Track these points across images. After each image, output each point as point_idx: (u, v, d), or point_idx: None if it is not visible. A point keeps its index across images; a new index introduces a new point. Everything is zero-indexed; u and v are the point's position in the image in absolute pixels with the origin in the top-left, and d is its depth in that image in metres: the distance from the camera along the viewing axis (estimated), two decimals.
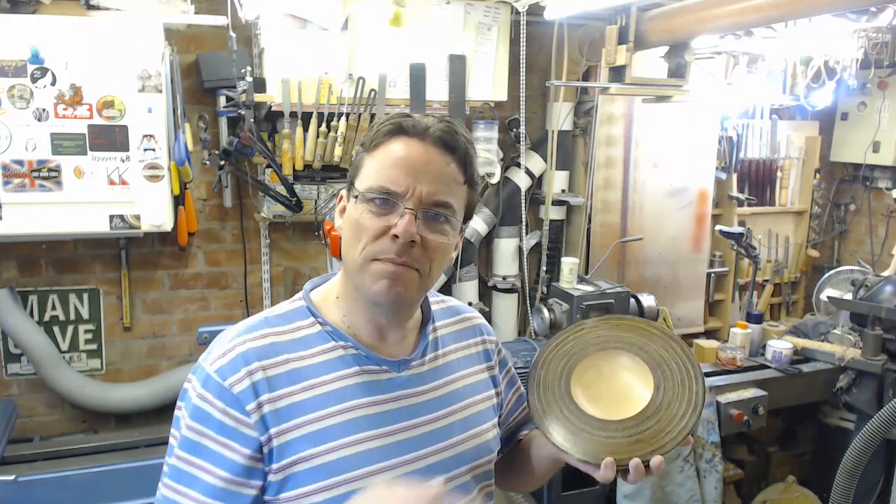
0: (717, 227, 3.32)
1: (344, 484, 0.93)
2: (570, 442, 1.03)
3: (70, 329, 2.78)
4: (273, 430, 0.92)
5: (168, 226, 2.51)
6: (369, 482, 0.94)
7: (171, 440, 0.97)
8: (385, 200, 0.94)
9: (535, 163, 3.16)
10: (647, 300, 2.87)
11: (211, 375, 0.94)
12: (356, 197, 0.97)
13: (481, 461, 1.08)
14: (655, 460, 0.98)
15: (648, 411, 1.04)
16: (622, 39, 2.50)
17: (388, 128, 0.98)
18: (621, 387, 1.08)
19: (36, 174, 2.34)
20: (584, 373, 1.10)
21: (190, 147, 2.54)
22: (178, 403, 0.97)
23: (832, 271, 3.55)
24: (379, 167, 0.96)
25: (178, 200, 2.62)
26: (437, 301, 1.17)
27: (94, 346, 2.82)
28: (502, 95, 2.97)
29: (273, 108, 2.66)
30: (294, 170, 2.71)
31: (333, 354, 0.99)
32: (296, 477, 0.93)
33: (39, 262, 2.71)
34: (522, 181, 3.10)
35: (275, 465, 0.92)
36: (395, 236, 0.93)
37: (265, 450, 0.92)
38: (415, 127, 0.97)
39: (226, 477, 0.91)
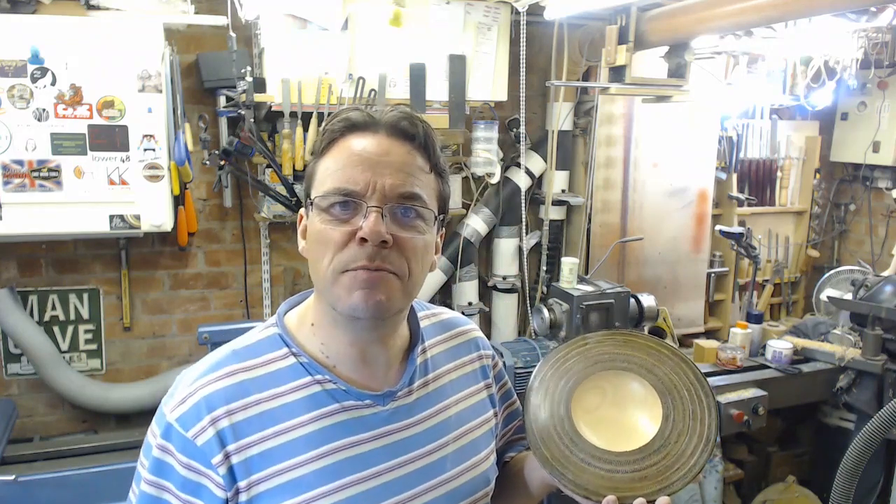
0: (717, 227, 3.32)
1: None
2: (568, 472, 0.93)
3: (70, 329, 2.78)
4: (242, 483, 0.83)
5: (168, 226, 2.51)
6: None
7: (131, 494, 0.88)
8: (345, 204, 0.84)
9: (535, 163, 3.16)
10: (647, 300, 2.87)
11: (172, 425, 0.84)
12: (313, 205, 0.87)
13: (478, 495, 0.99)
14: (661, 501, 0.87)
15: (655, 444, 0.94)
16: (622, 39, 2.50)
17: (336, 126, 0.89)
18: (626, 414, 0.99)
19: (36, 174, 2.34)
20: (587, 394, 1.00)
21: (190, 147, 2.54)
22: (141, 453, 0.88)
23: (832, 271, 3.55)
24: (333, 169, 0.86)
25: (178, 200, 2.62)
26: (427, 315, 1.06)
27: (94, 346, 2.82)
28: (502, 95, 2.97)
29: (273, 108, 2.66)
30: (294, 170, 2.71)
31: (310, 391, 0.88)
32: None
33: (39, 262, 2.71)
34: (522, 181, 3.10)
35: None
36: (363, 240, 0.82)
37: None
38: (365, 119, 0.88)
39: None
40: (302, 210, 0.93)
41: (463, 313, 3.20)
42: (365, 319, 0.87)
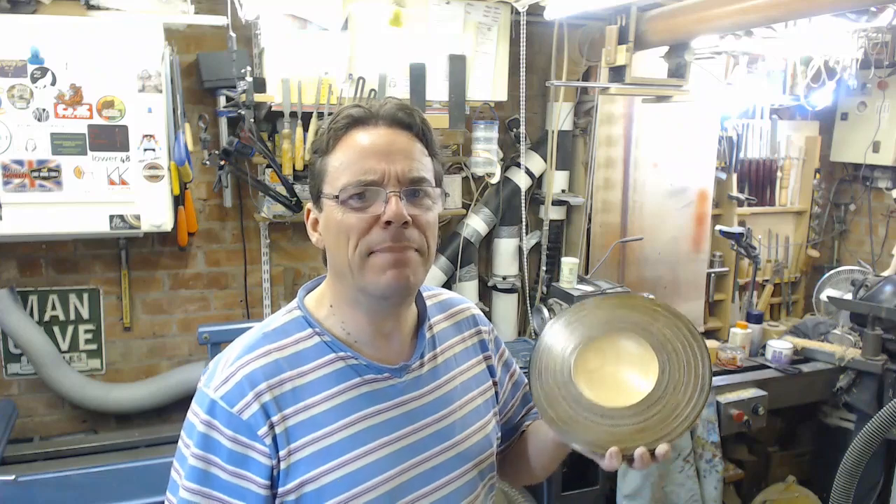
0: (717, 227, 3.32)
1: (353, 499, 0.93)
2: (574, 430, 1.00)
3: (70, 329, 2.77)
4: (283, 452, 0.91)
5: (168, 226, 2.51)
6: (378, 492, 0.95)
7: (174, 475, 0.94)
8: (362, 193, 0.93)
9: (535, 163, 3.16)
10: None
11: (217, 402, 0.91)
12: (335, 199, 0.94)
13: (484, 455, 1.08)
14: (661, 448, 0.95)
15: (654, 396, 1.00)
16: (622, 39, 2.50)
17: (341, 123, 0.96)
18: (626, 371, 1.04)
19: (36, 174, 2.34)
20: (588, 357, 1.06)
21: (190, 147, 2.54)
22: (182, 435, 0.94)
23: (832, 271, 3.55)
24: (347, 163, 0.94)
25: (178, 200, 2.62)
26: (429, 296, 1.15)
27: (94, 346, 2.82)
28: (502, 95, 2.97)
29: (273, 108, 2.66)
30: (294, 170, 2.71)
31: (334, 367, 0.97)
32: (306, 498, 0.92)
33: (39, 262, 2.71)
34: (522, 181, 3.10)
35: (281, 489, 0.92)
36: (388, 223, 0.91)
37: (273, 473, 0.92)
38: (366, 114, 0.96)
39: None
40: (309, 205, 1.01)
41: None
42: (393, 297, 0.97)
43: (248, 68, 2.53)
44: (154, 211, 2.46)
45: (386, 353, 1.01)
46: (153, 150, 2.42)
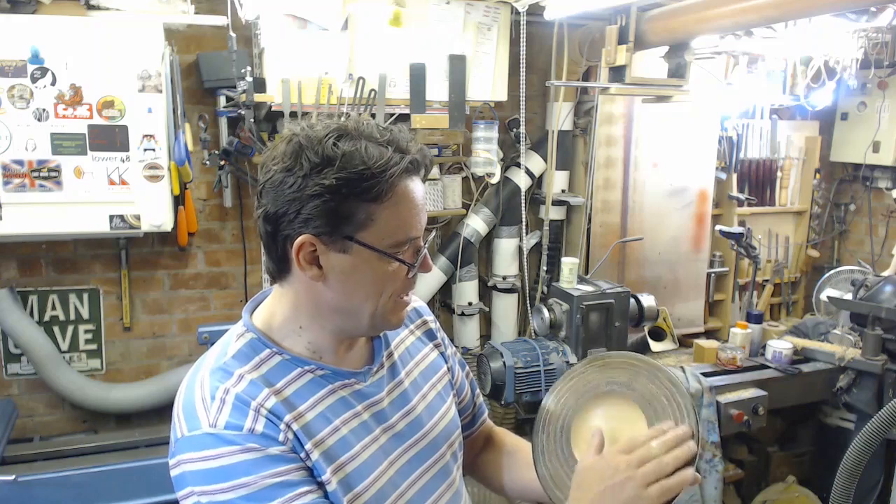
0: (717, 227, 3.32)
1: None
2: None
3: (70, 329, 2.77)
4: (301, 454, 0.91)
5: (168, 226, 2.52)
6: (365, 497, 0.95)
7: None
8: (415, 250, 0.96)
9: (535, 163, 3.16)
10: (647, 300, 2.87)
11: (223, 434, 0.86)
12: (385, 253, 0.91)
13: (452, 438, 1.13)
14: None
15: None
16: (622, 39, 2.50)
17: (399, 170, 0.89)
18: (617, 433, 1.05)
19: (36, 174, 2.34)
20: (582, 427, 1.09)
21: (190, 147, 2.54)
22: (214, 488, 0.85)
23: (832, 271, 3.54)
24: (402, 216, 0.91)
25: (178, 200, 2.62)
26: None
27: (94, 346, 2.82)
28: (502, 95, 2.97)
29: (273, 108, 2.66)
30: None
31: (305, 380, 0.96)
32: None
33: (39, 262, 2.71)
34: (522, 181, 3.10)
35: None
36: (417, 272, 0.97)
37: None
38: (414, 163, 0.92)
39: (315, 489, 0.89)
40: (308, 238, 0.89)
41: (463, 313, 3.21)
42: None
43: (248, 68, 2.53)
44: (154, 211, 2.46)
45: (348, 360, 1.02)
46: (153, 150, 2.42)
